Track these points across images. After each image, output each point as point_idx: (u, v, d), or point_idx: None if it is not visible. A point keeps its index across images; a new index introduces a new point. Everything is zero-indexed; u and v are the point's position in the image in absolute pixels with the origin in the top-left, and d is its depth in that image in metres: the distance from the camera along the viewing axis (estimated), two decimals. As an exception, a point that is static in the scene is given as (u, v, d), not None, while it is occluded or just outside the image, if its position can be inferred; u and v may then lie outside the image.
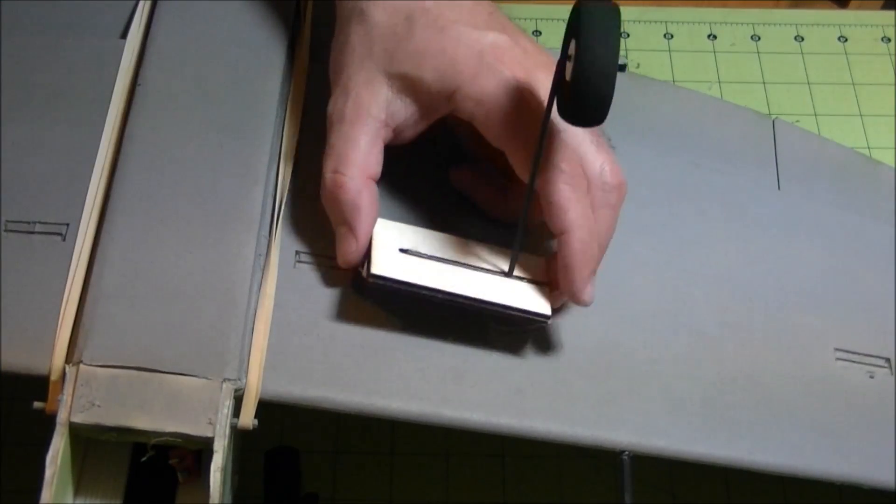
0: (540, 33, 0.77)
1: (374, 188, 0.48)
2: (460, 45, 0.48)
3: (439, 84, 0.48)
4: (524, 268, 0.48)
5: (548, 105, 0.43)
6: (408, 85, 0.49)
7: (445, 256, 0.48)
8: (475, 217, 0.52)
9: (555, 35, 0.76)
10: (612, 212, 0.48)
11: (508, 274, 0.48)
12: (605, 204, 0.48)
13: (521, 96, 0.47)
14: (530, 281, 0.48)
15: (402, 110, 0.49)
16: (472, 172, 0.53)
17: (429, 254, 0.48)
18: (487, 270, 0.48)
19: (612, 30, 0.39)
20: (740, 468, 0.49)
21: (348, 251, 0.48)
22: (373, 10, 0.50)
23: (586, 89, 0.40)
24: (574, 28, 0.40)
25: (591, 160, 0.48)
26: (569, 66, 0.41)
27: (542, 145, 0.44)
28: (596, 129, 0.47)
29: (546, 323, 0.48)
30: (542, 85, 0.47)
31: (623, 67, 0.40)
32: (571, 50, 0.40)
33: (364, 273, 0.47)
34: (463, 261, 0.48)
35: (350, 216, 0.48)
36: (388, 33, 0.49)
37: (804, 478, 0.49)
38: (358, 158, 0.48)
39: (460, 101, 0.48)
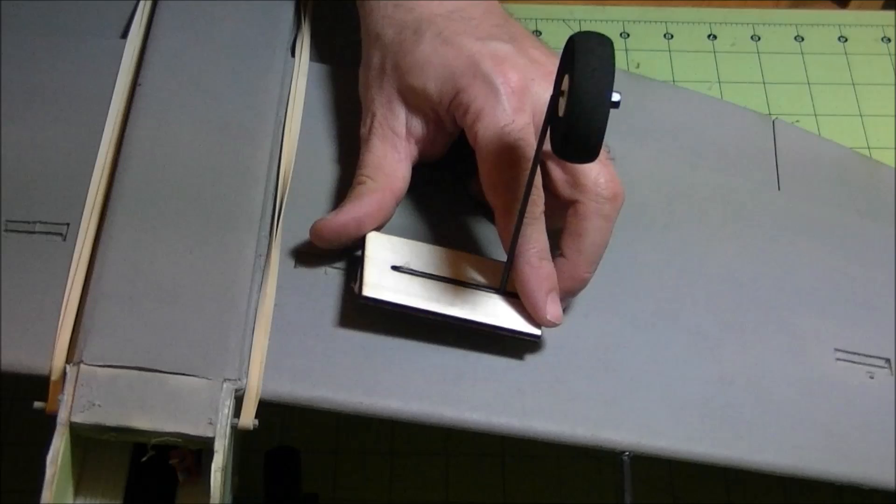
0: (540, 33, 0.77)
1: (391, 198, 0.49)
2: (461, 55, 0.48)
3: (439, 94, 0.48)
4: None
5: (539, 139, 0.43)
6: (417, 97, 0.49)
7: (438, 273, 0.48)
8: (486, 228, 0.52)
9: (554, 36, 0.76)
10: (606, 222, 0.48)
11: (501, 290, 0.48)
12: (599, 213, 0.48)
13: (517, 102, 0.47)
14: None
15: (420, 125, 0.50)
16: None
17: (421, 270, 0.48)
18: (480, 286, 0.48)
19: (607, 66, 0.38)
20: (740, 468, 0.49)
21: (329, 220, 0.48)
22: (385, 28, 0.51)
23: (578, 128, 0.39)
24: (568, 63, 0.40)
25: (586, 170, 0.47)
26: (562, 101, 0.40)
27: (535, 173, 0.44)
28: None
29: (538, 340, 0.48)
30: (540, 97, 0.47)
31: (617, 104, 0.39)
32: (565, 85, 0.40)
33: (356, 290, 0.47)
34: (456, 277, 0.48)
35: (356, 203, 0.48)
36: (398, 48, 0.50)
37: (804, 478, 0.49)
38: (384, 169, 0.49)
39: (455, 108, 0.48)
